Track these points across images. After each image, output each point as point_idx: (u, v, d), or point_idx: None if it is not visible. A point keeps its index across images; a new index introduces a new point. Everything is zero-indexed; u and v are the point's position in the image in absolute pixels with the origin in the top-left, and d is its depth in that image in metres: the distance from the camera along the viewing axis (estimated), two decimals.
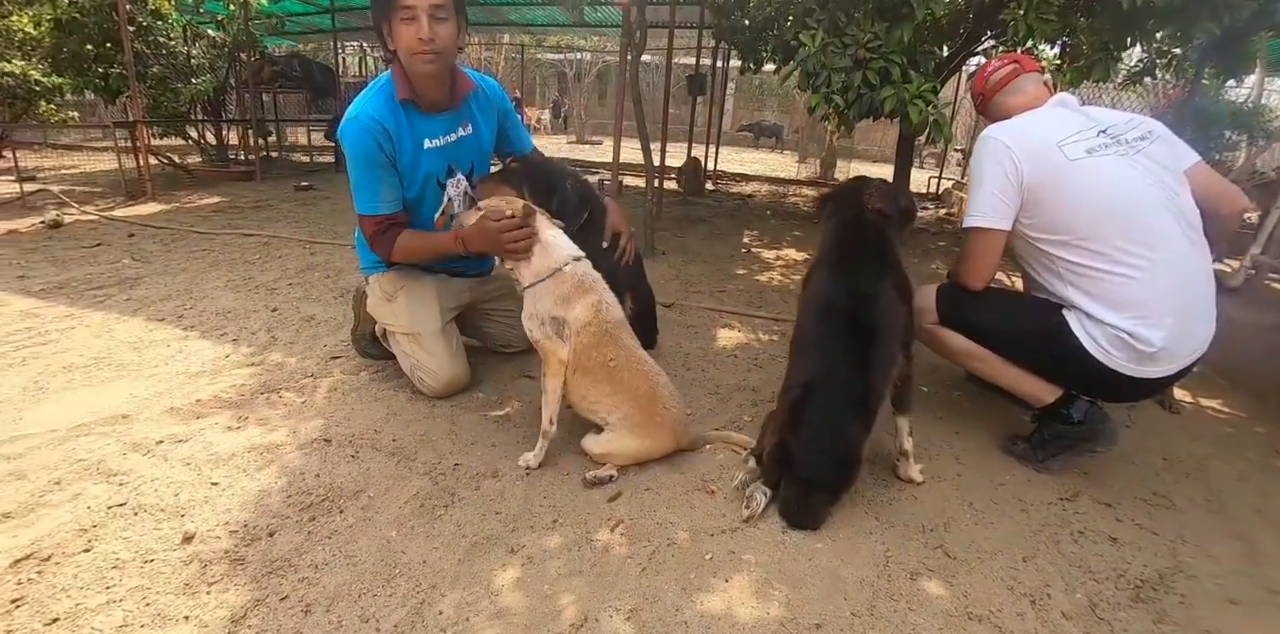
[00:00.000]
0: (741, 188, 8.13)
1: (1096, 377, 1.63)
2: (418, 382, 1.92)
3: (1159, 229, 1.57)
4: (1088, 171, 1.59)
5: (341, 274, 3.21)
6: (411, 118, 1.76)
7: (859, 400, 1.48)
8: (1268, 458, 2.00)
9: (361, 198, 1.74)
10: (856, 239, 1.67)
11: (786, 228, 5.47)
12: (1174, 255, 1.57)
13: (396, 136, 1.73)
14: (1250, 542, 1.58)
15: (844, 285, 1.58)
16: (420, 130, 1.77)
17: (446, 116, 1.82)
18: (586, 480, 1.56)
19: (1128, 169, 1.60)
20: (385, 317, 1.96)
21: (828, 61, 2.53)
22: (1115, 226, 1.56)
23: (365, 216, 1.76)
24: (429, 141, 1.80)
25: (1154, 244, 1.56)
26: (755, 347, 2.66)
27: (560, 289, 1.57)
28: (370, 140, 1.68)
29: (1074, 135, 1.65)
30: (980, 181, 1.68)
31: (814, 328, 1.60)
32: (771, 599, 1.25)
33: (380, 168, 1.71)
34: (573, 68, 16.86)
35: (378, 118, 1.69)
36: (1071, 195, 1.59)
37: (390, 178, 1.74)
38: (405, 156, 1.76)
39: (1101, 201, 1.57)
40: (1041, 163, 1.60)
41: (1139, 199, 1.58)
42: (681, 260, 4.05)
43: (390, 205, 1.76)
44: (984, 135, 1.71)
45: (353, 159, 1.70)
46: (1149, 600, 1.36)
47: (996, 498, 1.69)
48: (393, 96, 1.72)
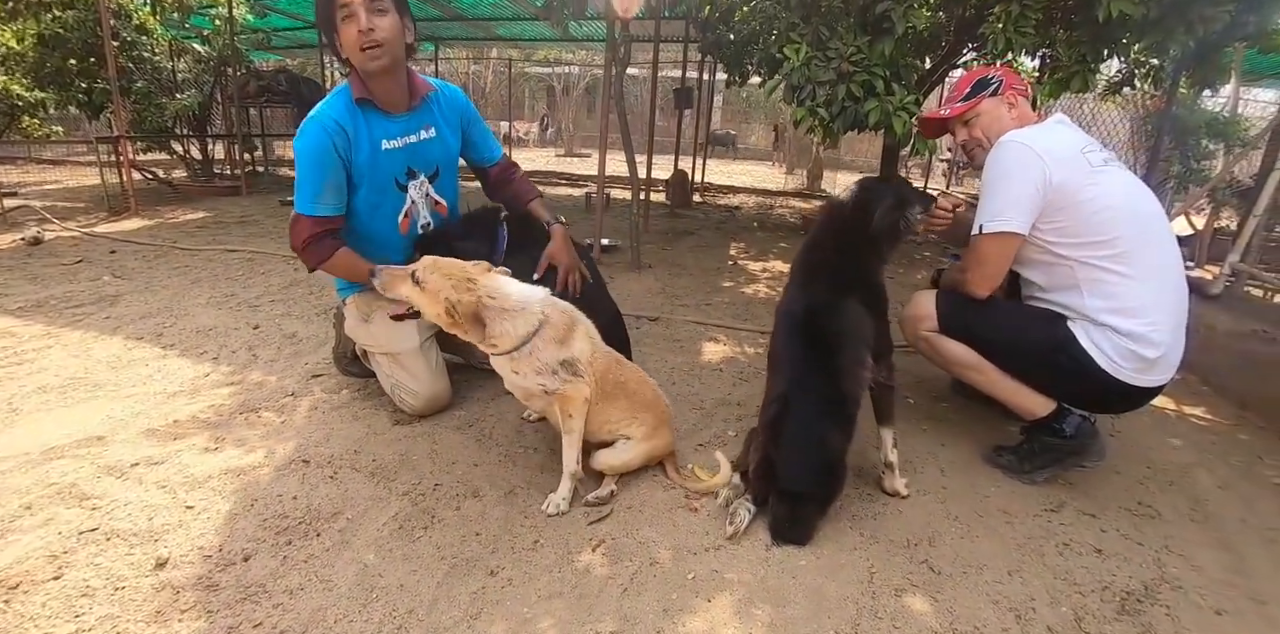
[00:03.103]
0: (729, 200, 8.17)
1: (1099, 388, 1.64)
2: (399, 401, 1.90)
3: (1164, 237, 1.64)
4: (1109, 178, 1.63)
5: (325, 290, 3.19)
6: (370, 118, 1.77)
7: (834, 408, 1.49)
8: (1251, 465, 2.01)
9: (303, 196, 1.71)
10: (822, 249, 1.69)
11: (773, 239, 5.49)
12: (1173, 262, 1.64)
13: (354, 136, 1.73)
14: (1235, 551, 1.58)
15: (803, 296, 1.62)
16: (378, 130, 1.78)
17: (405, 117, 1.83)
18: (589, 502, 1.54)
19: (1134, 182, 1.67)
20: (363, 338, 1.94)
21: (812, 75, 2.56)
22: (1135, 231, 1.61)
23: (302, 217, 1.72)
24: (386, 142, 1.80)
25: (1161, 251, 1.63)
26: (741, 360, 2.66)
27: (555, 333, 1.49)
28: (326, 139, 1.68)
29: (1088, 145, 1.69)
30: (1003, 186, 1.65)
31: (782, 341, 1.62)
32: (754, 619, 1.24)
33: (330, 169, 1.71)
34: (561, 81, 16.97)
35: (335, 118, 1.70)
36: (1098, 199, 1.60)
37: (339, 181, 1.73)
38: (362, 156, 1.75)
39: (1124, 207, 1.62)
40: (1070, 168, 1.61)
41: (1149, 208, 1.65)
42: (668, 274, 4.06)
43: (330, 208, 1.74)
44: (1007, 141, 1.66)
45: (303, 156, 1.70)
46: (1134, 613, 1.35)
47: (981, 510, 1.68)
48: (350, 98, 1.74)
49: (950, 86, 4.79)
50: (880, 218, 1.61)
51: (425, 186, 1.94)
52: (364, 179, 1.79)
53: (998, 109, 1.75)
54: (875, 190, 1.68)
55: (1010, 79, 1.77)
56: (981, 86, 1.77)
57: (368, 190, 1.81)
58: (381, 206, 1.86)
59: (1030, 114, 1.75)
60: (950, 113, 1.82)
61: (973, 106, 1.78)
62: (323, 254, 1.75)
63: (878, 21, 2.75)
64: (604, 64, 4.03)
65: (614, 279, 3.82)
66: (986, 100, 1.76)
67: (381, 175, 1.82)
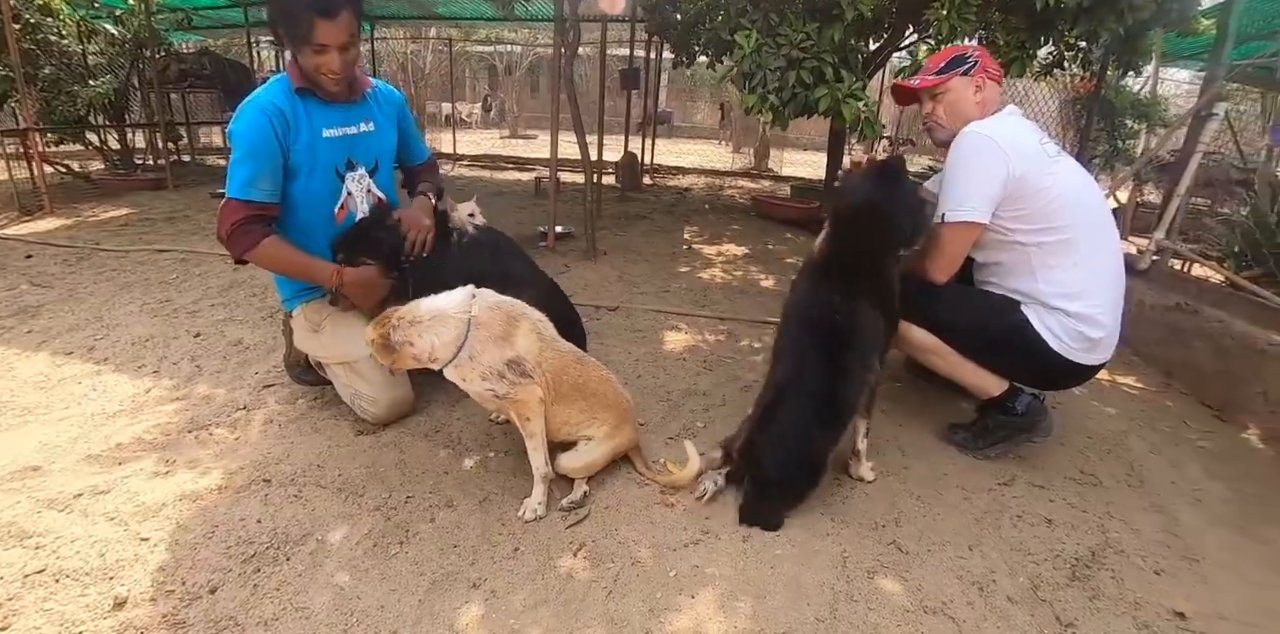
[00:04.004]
0: (678, 181, 8.16)
1: (1050, 368, 1.74)
2: (360, 410, 1.84)
3: (1108, 223, 1.74)
4: (1063, 168, 1.72)
5: (269, 290, 3.03)
6: (309, 106, 1.74)
7: (829, 412, 1.52)
8: (1177, 430, 2.17)
9: (235, 180, 1.64)
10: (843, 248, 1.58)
11: (725, 222, 5.52)
12: (1115, 247, 1.75)
13: (294, 122, 1.70)
14: (1168, 513, 1.72)
15: (822, 295, 1.55)
16: (318, 118, 1.75)
17: (345, 108, 1.81)
18: (563, 507, 1.54)
19: (1082, 172, 1.75)
20: (315, 349, 1.87)
21: (763, 61, 2.55)
22: (1084, 218, 1.70)
23: (232, 201, 1.64)
24: (327, 130, 1.77)
25: (1105, 237, 1.72)
26: (703, 348, 2.68)
27: (491, 331, 1.46)
28: (264, 122, 1.64)
29: (1042, 137, 1.77)
30: (966, 177, 1.69)
31: (792, 337, 1.62)
32: (737, 613, 1.27)
33: (267, 154, 1.66)
34: (503, 61, 16.43)
35: (276, 102, 1.68)
36: (1054, 189, 1.67)
37: (274, 167, 1.69)
38: (301, 142, 1.72)
39: (1075, 195, 1.70)
40: (1031, 160, 1.67)
41: (1096, 195, 1.76)
42: (624, 260, 4.04)
43: (264, 194, 1.67)
44: (971, 132, 1.69)
45: (239, 139, 1.65)
46: (1084, 578, 1.45)
47: (941, 488, 1.76)
48: (289, 86, 1.71)
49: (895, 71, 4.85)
50: (909, 219, 1.56)
51: (366, 180, 1.89)
52: (302, 167, 1.74)
53: (965, 90, 1.77)
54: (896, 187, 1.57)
55: (985, 62, 1.79)
56: (956, 64, 1.79)
57: (305, 178, 1.76)
58: (318, 196, 1.81)
59: (994, 100, 1.78)
60: (919, 84, 1.83)
61: (943, 82, 1.79)
62: (250, 241, 1.66)
63: (827, 8, 2.76)
64: (552, 44, 3.91)
65: (570, 268, 3.79)
66: (957, 78, 1.78)
67: (321, 163, 1.77)
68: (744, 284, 3.71)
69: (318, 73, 1.68)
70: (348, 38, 1.63)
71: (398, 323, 1.45)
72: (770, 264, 4.20)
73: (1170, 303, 2.47)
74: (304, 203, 1.79)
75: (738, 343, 2.78)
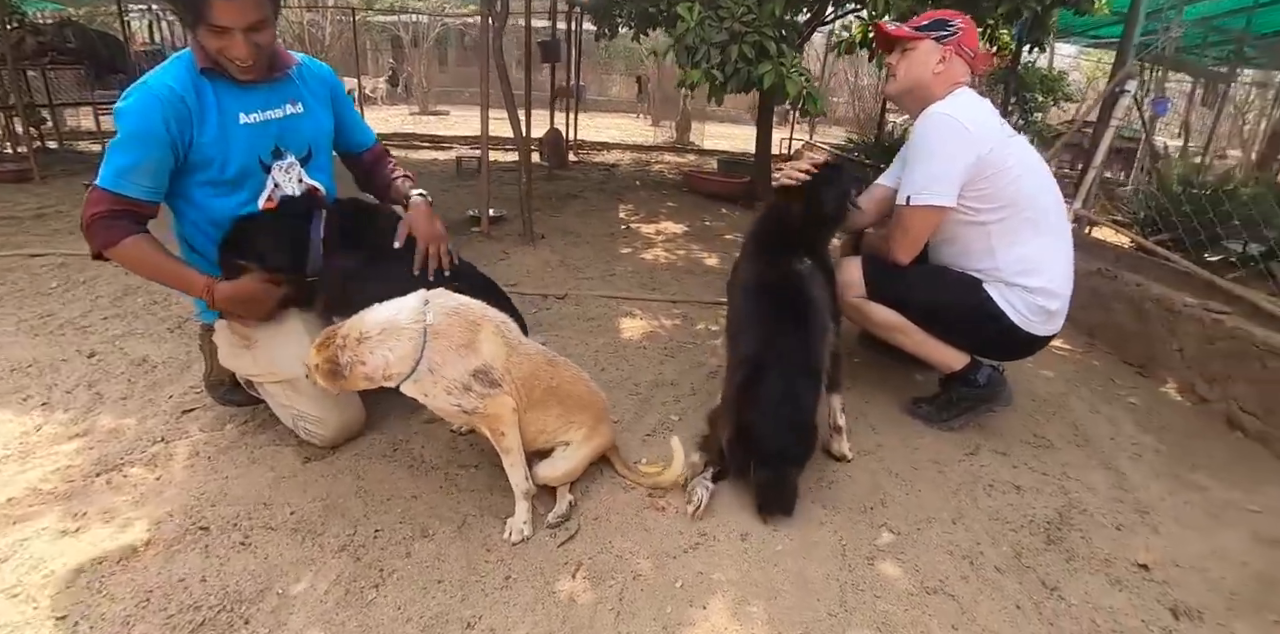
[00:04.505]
0: (604, 157, 7.97)
1: (1010, 341, 1.80)
2: (304, 433, 1.64)
3: (1057, 199, 1.79)
4: (1020, 147, 1.75)
5: (172, 296, 2.66)
6: (219, 90, 1.49)
7: (806, 371, 1.55)
8: (1107, 388, 2.35)
9: (109, 168, 1.40)
10: (776, 228, 1.76)
11: (659, 199, 5.44)
12: (1065, 222, 1.82)
13: (198, 111, 1.46)
14: (1115, 469, 1.85)
15: (766, 268, 1.69)
16: (232, 103, 1.51)
17: (266, 88, 1.57)
18: (550, 524, 1.44)
19: (1032, 150, 1.79)
20: (245, 368, 1.65)
21: (706, 35, 2.45)
22: (1038, 194, 1.75)
23: (100, 190, 1.40)
24: (245, 116, 1.53)
25: (1056, 212, 1.78)
26: (662, 334, 2.62)
27: (451, 340, 1.31)
28: (155, 110, 1.40)
29: (998, 117, 1.79)
30: (932, 159, 1.70)
31: (749, 311, 1.67)
32: (752, 618, 1.24)
33: (155, 146, 1.42)
34: (409, 31, 15.25)
35: (176, 87, 1.42)
36: (1014, 168, 1.70)
37: (159, 163, 1.44)
38: (210, 133, 1.48)
39: (1029, 173, 1.74)
40: (993, 140, 1.69)
41: (1048, 174, 1.79)
42: (563, 243, 3.89)
43: (140, 189, 1.43)
44: (936, 113, 1.69)
45: (124, 121, 1.40)
46: (1058, 541, 1.53)
47: (915, 463, 1.81)
48: (193, 67, 1.46)
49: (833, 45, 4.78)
50: (832, 204, 1.68)
51: (296, 169, 1.66)
52: (214, 160, 1.50)
53: (929, 55, 1.75)
54: (826, 177, 1.72)
55: (965, 38, 1.75)
56: (936, 27, 1.76)
57: (219, 171, 1.53)
58: (237, 190, 1.57)
59: (956, 77, 1.76)
60: (895, 32, 1.80)
61: (915, 39, 1.77)
62: (111, 237, 1.43)
63: None
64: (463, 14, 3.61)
65: (509, 254, 3.60)
66: (929, 41, 1.75)
67: (238, 154, 1.53)
68: (689, 264, 3.66)
69: (222, 58, 1.43)
70: (257, 17, 1.38)
71: (343, 342, 1.27)
72: (711, 242, 4.17)
73: (1091, 268, 2.64)
74: (219, 199, 1.55)
75: (694, 326, 2.73)
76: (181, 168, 1.49)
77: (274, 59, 1.55)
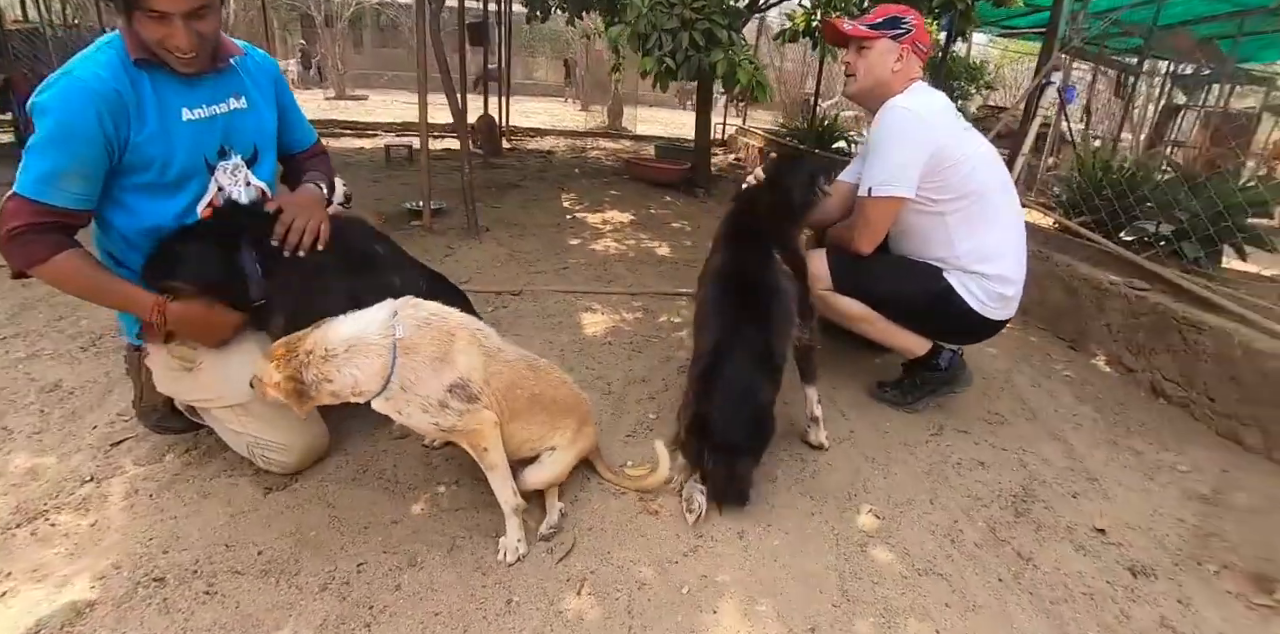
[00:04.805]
0: (539, 144, 7.75)
1: (970, 326, 1.88)
2: (262, 461, 1.49)
3: (1011, 188, 1.87)
4: (973, 138, 1.82)
5: (79, 309, 2.35)
6: (158, 81, 1.31)
7: (763, 360, 1.55)
8: (1046, 364, 2.52)
9: (30, 172, 1.21)
10: (746, 219, 1.77)
11: (600, 187, 5.35)
12: (1017, 209, 1.89)
13: (136, 106, 1.28)
14: (1063, 439, 1.98)
15: (732, 258, 1.69)
16: (173, 96, 1.34)
17: (210, 81, 1.40)
18: (544, 536, 1.38)
19: (985, 141, 1.85)
20: (190, 393, 1.47)
21: (657, 22, 2.39)
22: (996, 184, 1.81)
23: (21, 200, 1.21)
24: (188, 111, 1.36)
25: (1010, 200, 1.85)
26: (625, 329, 2.58)
27: (423, 354, 1.22)
28: (88, 105, 1.20)
29: (954, 110, 1.84)
30: (891, 152, 1.73)
31: (713, 300, 1.66)
32: (761, 617, 1.24)
33: (86, 145, 1.23)
34: (321, 11, 14.08)
35: (109, 78, 1.24)
36: (970, 158, 1.76)
37: (92, 166, 1.26)
38: (149, 131, 1.30)
39: (984, 163, 1.80)
40: (950, 132, 1.75)
41: (1001, 164, 1.87)
42: (509, 236, 3.76)
43: (68, 198, 1.24)
44: (895, 107, 1.73)
45: (46, 117, 1.20)
46: (1025, 513, 1.63)
47: (887, 446, 1.87)
48: (125, 56, 1.27)
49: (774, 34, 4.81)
50: (800, 192, 1.68)
51: (242, 171, 1.48)
52: (154, 161, 1.32)
53: (887, 54, 1.78)
54: (789, 166, 1.75)
55: (919, 35, 1.79)
56: (891, 25, 1.78)
57: (158, 174, 1.34)
58: (177, 193, 1.39)
59: (912, 73, 1.80)
60: (850, 31, 1.81)
61: (871, 37, 1.79)
62: (37, 253, 1.24)
63: None
64: None
65: (454, 249, 3.44)
66: (885, 40, 1.77)
67: (181, 154, 1.36)
68: (640, 254, 3.63)
69: (160, 48, 1.24)
70: (200, 2, 1.21)
71: (306, 358, 1.16)
72: (659, 230, 4.15)
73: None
74: (156, 203, 1.36)
75: (656, 319, 2.71)
76: (114, 170, 1.29)
77: (217, 48, 1.37)
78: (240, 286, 1.41)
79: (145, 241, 1.37)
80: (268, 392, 1.20)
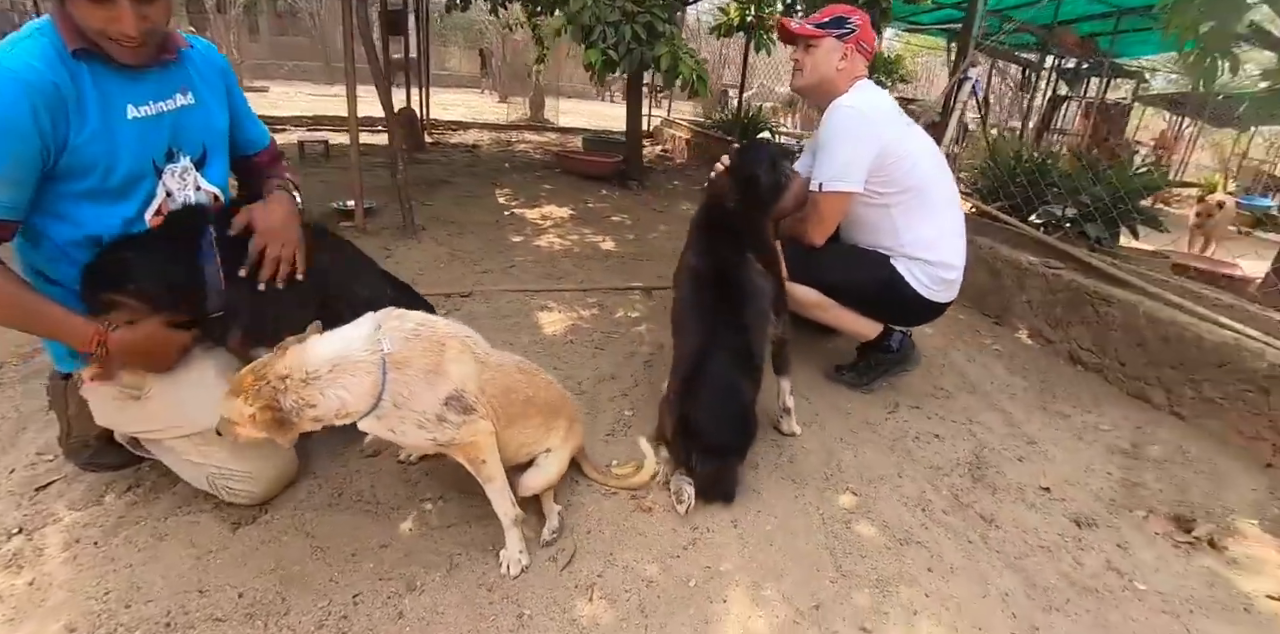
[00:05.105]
0: (462, 137, 7.48)
1: (917, 309, 2.01)
2: (225, 493, 1.37)
3: (950, 179, 1.99)
4: (914, 133, 1.93)
5: None
6: (98, 74, 1.16)
7: (743, 360, 1.59)
8: (975, 338, 2.73)
9: None
10: (716, 212, 1.78)
11: (533, 181, 5.25)
12: (956, 198, 2.03)
13: (77, 101, 1.13)
14: (1001, 409, 2.17)
15: (706, 256, 1.71)
16: (117, 91, 1.19)
17: (156, 74, 1.25)
18: (547, 541, 1.37)
19: (925, 135, 1.98)
20: (139, 424, 1.33)
21: (601, 14, 2.36)
22: (936, 175, 1.93)
23: None
24: (134, 108, 1.22)
25: (949, 189, 1.98)
26: (584, 326, 2.56)
27: (415, 368, 1.15)
28: (20, 98, 1.05)
29: (897, 107, 1.95)
30: (841, 149, 1.82)
31: (689, 301, 1.70)
32: (769, 600, 1.29)
33: (19, 143, 1.07)
34: None
35: (48, 72, 1.09)
36: (914, 153, 1.87)
37: (28, 166, 1.10)
38: (90, 130, 1.15)
39: (926, 156, 1.91)
40: (895, 129, 1.86)
41: (940, 156, 1.99)
42: (447, 234, 3.62)
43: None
44: (843, 107, 1.81)
45: None
46: (981, 479, 1.77)
47: (853, 427, 1.98)
48: (61, 45, 1.12)
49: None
50: (767, 177, 1.70)
51: (191, 174, 1.34)
52: (97, 163, 1.17)
53: (832, 53, 1.86)
54: (752, 153, 1.76)
55: (863, 34, 1.87)
56: (836, 24, 1.85)
57: (100, 179, 1.19)
58: (121, 199, 1.24)
59: (858, 71, 1.89)
60: (798, 29, 1.88)
61: (817, 36, 1.86)
62: None
63: None
64: None
65: (391, 250, 3.28)
66: (831, 39, 1.85)
67: (126, 156, 1.21)
68: (585, 249, 3.60)
69: (102, 37, 1.09)
70: None
71: (282, 384, 1.07)
72: (600, 224, 4.13)
73: None
74: (101, 213, 1.21)
75: (613, 315, 2.71)
76: (49, 175, 1.13)
77: (166, 39, 1.23)
78: (198, 297, 1.27)
79: (85, 254, 1.21)
80: (240, 431, 1.10)
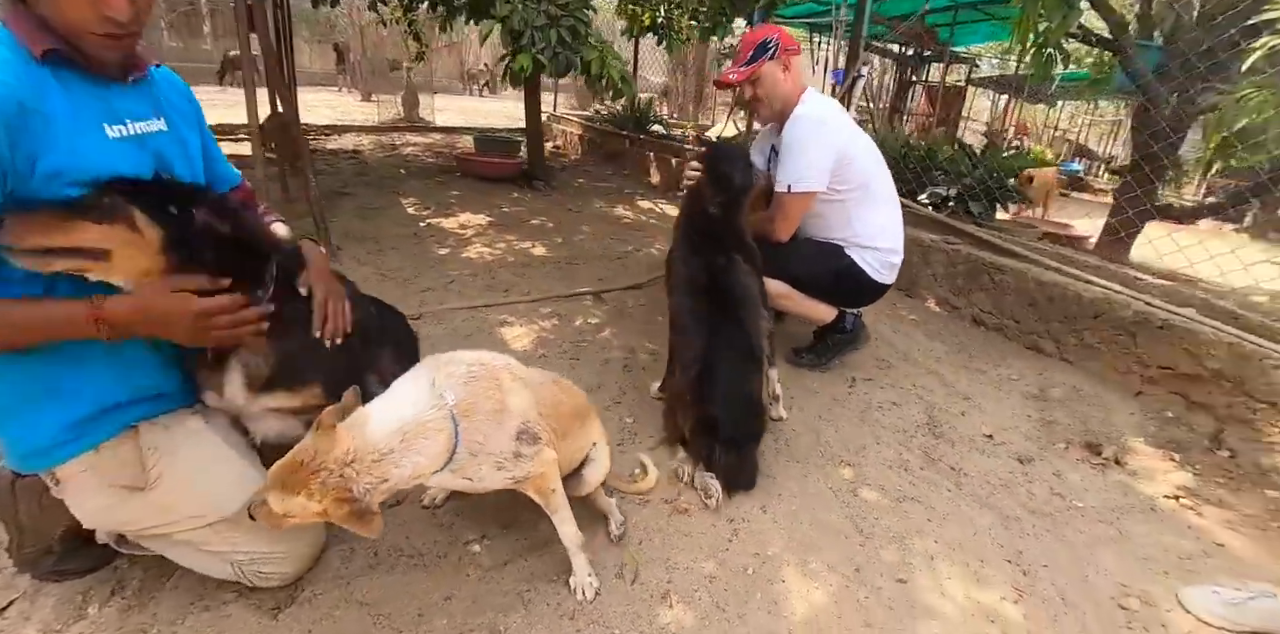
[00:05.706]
0: (339, 142, 6.89)
1: (869, 292, 2.26)
2: (253, 578, 1.24)
3: (888, 173, 2.24)
4: (862, 137, 2.15)
5: None
6: (70, 86, 1.00)
7: (750, 356, 1.74)
8: (896, 312, 3.09)
9: None
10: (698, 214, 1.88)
11: (437, 188, 5.00)
12: (893, 189, 2.27)
13: (47, 115, 0.96)
14: (935, 372, 2.50)
15: (699, 261, 1.82)
16: (90, 107, 1.03)
17: (130, 92, 1.10)
18: (614, 536, 1.47)
19: (865, 135, 2.20)
20: (146, 519, 1.17)
21: (528, 18, 2.35)
22: (879, 171, 2.17)
23: None
24: (110, 128, 1.05)
25: (890, 183, 2.23)
26: (550, 338, 2.56)
27: (483, 412, 1.13)
28: None
29: (845, 113, 2.16)
30: (804, 154, 2.00)
31: (689, 305, 1.81)
32: (818, 572, 1.45)
33: None
34: None
35: (14, 84, 0.93)
36: (864, 153, 2.10)
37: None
38: (60, 150, 0.97)
39: (871, 154, 2.15)
40: (848, 132, 2.07)
41: (880, 156, 2.20)
42: (366, 252, 3.40)
43: None
44: (802, 117, 2.01)
45: None
46: (941, 435, 2.06)
47: (826, 405, 2.20)
48: (26, 51, 0.96)
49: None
50: (741, 179, 1.82)
51: None
52: (72, 184, 0.99)
53: (776, 72, 2.04)
54: (725, 157, 1.86)
55: (785, 41, 2.04)
56: (761, 51, 2.01)
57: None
58: None
59: (798, 74, 2.09)
60: (738, 78, 2.03)
61: (755, 70, 2.01)
62: None
63: None
64: None
65: None
66: (767, 64, 2.02)
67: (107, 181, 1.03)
68: (519, 257, 3.54)
69: (85, 28, 0.95)
70: None
71: (352, 471, 0.98)
72: (522, 230, 4.05)
73: None
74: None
75: (573, 323, 2.73)
76: (3, 206, 0.94)
77: (134, 55, 1.07)
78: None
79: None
80: (284, 523, 1.01)
